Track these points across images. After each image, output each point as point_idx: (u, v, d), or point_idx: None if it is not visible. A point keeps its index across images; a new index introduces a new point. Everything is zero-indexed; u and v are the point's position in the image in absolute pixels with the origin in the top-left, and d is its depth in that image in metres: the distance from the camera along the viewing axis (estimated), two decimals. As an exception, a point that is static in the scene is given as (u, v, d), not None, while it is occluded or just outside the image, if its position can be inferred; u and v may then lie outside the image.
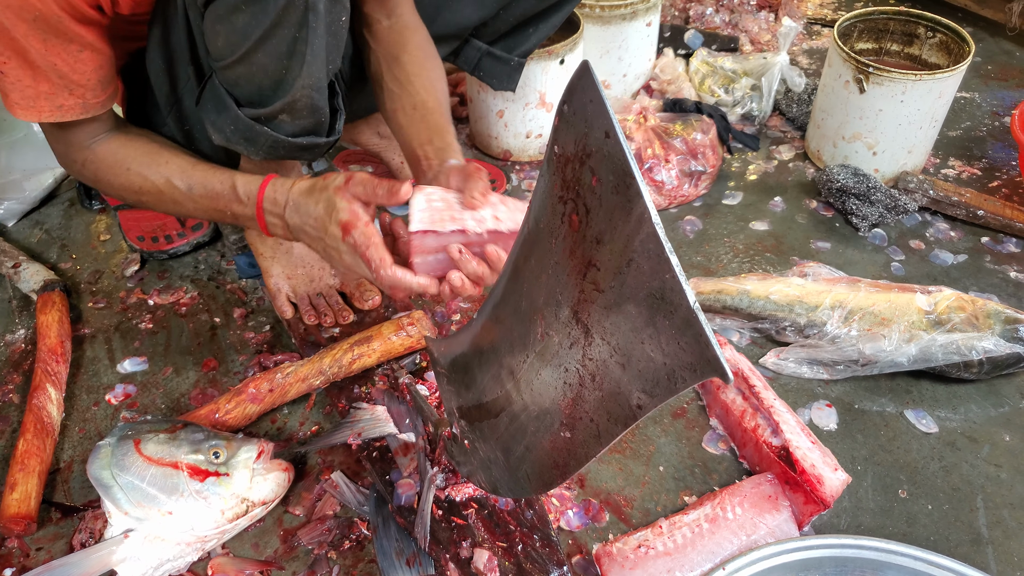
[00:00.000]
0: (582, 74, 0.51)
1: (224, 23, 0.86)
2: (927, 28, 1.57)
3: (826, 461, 0.99)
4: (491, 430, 0.81)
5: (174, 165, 0.98)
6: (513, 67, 1.40)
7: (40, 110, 0.89)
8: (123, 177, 0.98)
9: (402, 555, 0.94)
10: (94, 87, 0.91)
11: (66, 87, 0.88)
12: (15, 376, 1.23)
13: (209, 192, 0.96)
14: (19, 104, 0.88)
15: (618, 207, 0.51)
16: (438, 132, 1.01)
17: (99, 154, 0.99)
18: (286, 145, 0.99)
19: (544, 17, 1.35)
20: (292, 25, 0.84)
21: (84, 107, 0.92)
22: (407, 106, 1.05)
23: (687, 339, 0.49)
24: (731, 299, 1.25)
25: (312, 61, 0.89)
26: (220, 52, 0.89)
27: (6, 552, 0.99)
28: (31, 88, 0.87)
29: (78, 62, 0.87)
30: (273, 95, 0.92)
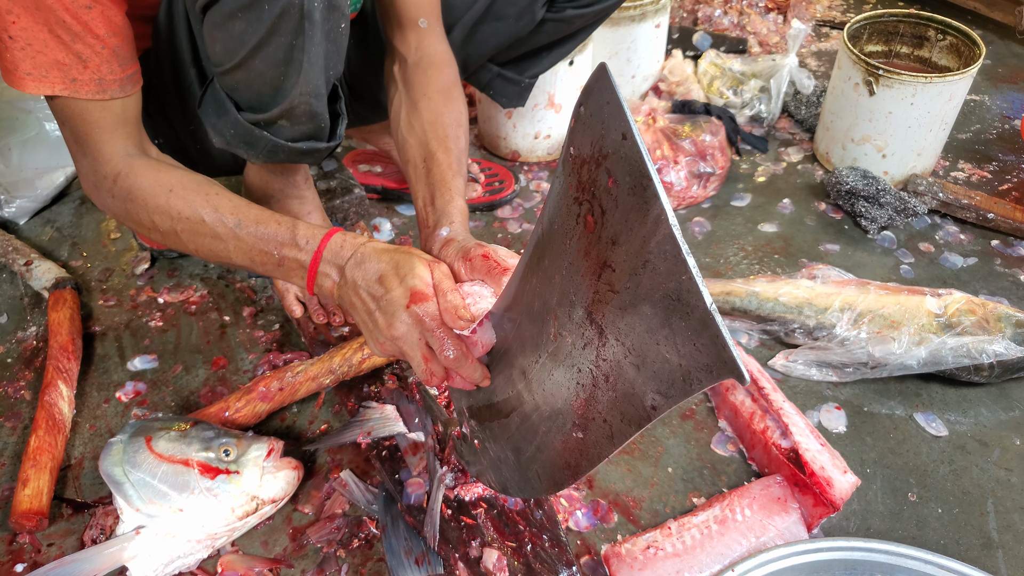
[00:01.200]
0: (599, 76, 0.51)
1: (221, 30, 0.85)
2: (937, 31, 1.56)
3: (835, 463, 0.99)
4: (502, 430, 0.82)
5: (225, 199, 0.89)
6: (523, 87, 1.40)
7: (52, 81, 0.83)
8: (162, 198, 0.88)
9: (411, 554, 0.94)
10: (108, 59, 0.84)
11: (79, 58, 0.82)
12: (27, 373, 1.24)
13: (261, 232, 0.86)
14: (30, 74, 0.82)
15: (635, 208, 0.51)
16: (441, 189, 0.95)
17: (137, 169, 0.90)
18: (286, 150, 0.99)
19: (558, 45, 1.35)
20: (288, 33, 0.84)
21: (100, 84, 0.85)
22: (417, 159, 1.00)
23: (704, 340, 0.49)
24: (740, 301, 1.25)
25: (309, 69, 0.88)
26: (218, 58, 0.89)
27: (18, 548, 1.00)
28: (42, 54, 0.81)
29: (89, 21, 0.81)
30: (272, 101, 0.92)
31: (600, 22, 1.33)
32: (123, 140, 0.91)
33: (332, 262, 0.84)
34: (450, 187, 0.94)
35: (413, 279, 0.77)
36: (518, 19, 1.22)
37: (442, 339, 0.76)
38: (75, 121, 0.88)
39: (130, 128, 0.92)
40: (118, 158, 0.90)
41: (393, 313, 0.77)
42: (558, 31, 1.28)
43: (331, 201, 1.43)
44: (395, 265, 0.79)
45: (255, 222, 0.87)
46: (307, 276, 0.86)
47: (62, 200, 1.60)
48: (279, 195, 1.22)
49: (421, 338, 0.78)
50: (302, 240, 0.85)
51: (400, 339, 0.78)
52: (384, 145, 1.51)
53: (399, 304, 0.77)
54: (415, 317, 0.77)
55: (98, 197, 0.93)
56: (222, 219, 0.87)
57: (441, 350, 0.76)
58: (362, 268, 0.81)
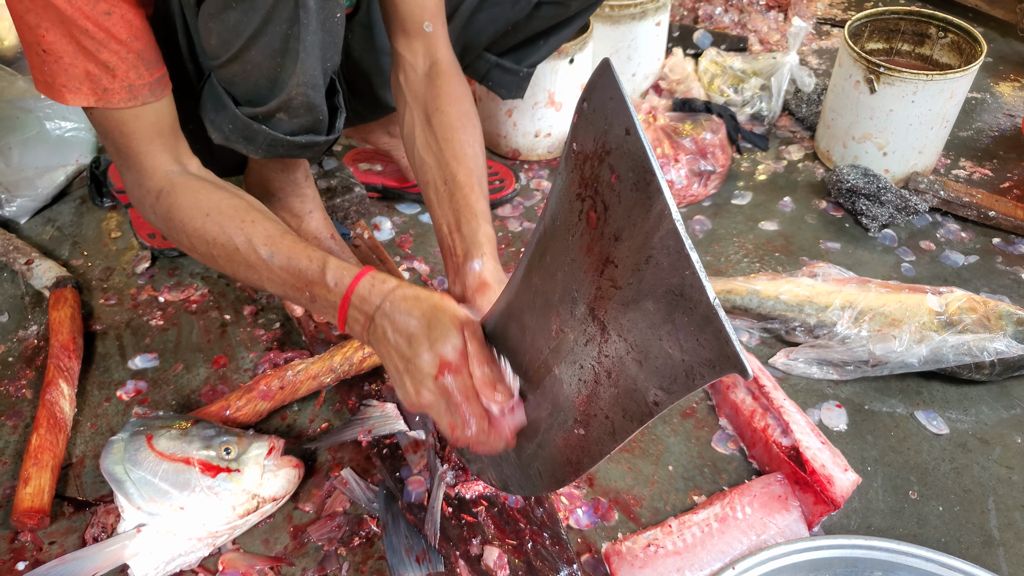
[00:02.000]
0: (602, 71, 0.51)
1: (216, 21, 0.85)
2: (938, 28, 1.56)
3: (836, 461, 0.99)
4: (503, 427, 0.81)
5: (260, 227, 0.86)
6: (522, 77, 1.39)
7: (85, 93, 0.83)
8: (199, 222, 0.87)
9: (411, 552, 0.94)
10: (135, 64, 0.84)
11: (106, 67, 0.82)
12: (28, 372, 1.24)
13: (292, 267, 0.84)
14: (66, 86, 0.82)
15: (637, 204, 0.51)
16: (466, 214, 0.92)
17: (178, 188, 0.89)
18: (285, 143, 0.98)
19: (555, 31, 1.34)
20: (283, 21, 0.84)
21: (131, 91, 0.84)
22: (438, 181, 0.97)
23: (706, 335, 0.49)
24: (741, 299, 1.25)
25: (306, 58, 0.88)
26: (214, 50, 0.89)
27: (20, 546, 1.00)
28: (73, 66, 0.81)
29: (111, 27, 0.80)
30: (269, 93, 0.92)
31: (596, 6, 1.32)
32: (163, 152, 0.90)
33: (360, 308, 0.81)
34: (475, 212, 0.92)
35: (443, 346, 0.73)
36: (514, 3, 1.21)
37: (465, 418, 0.74)
38: (114, 133, 0.88)
39: (167, 138, 0.91)
40: (160, 174, 0.90)
41: (421, 381, 0.75)
42: (554, 15, 1.27)
43: (332, 200, 1.43)
44: (426, 325, 0.75)
45: (287, 256, 0.84)
46: (338, 318, 0.83)
47: (63, 199, 1.60)
48: (280, 193, 1.22)
49: (447, 409, 0.75)
50: (331, 280, 0.82)
51: (427, 407, 0.76)
52: (384, 144, 1.51)
53: (427, 372, 0.74)
54: (442, 389, 0.74)
55: (143, 210, 0.93)
56: (256, 249, 0.85)
57: (463, 427, 0.74)
58: (391, 321, 0.78)
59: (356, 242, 1.41)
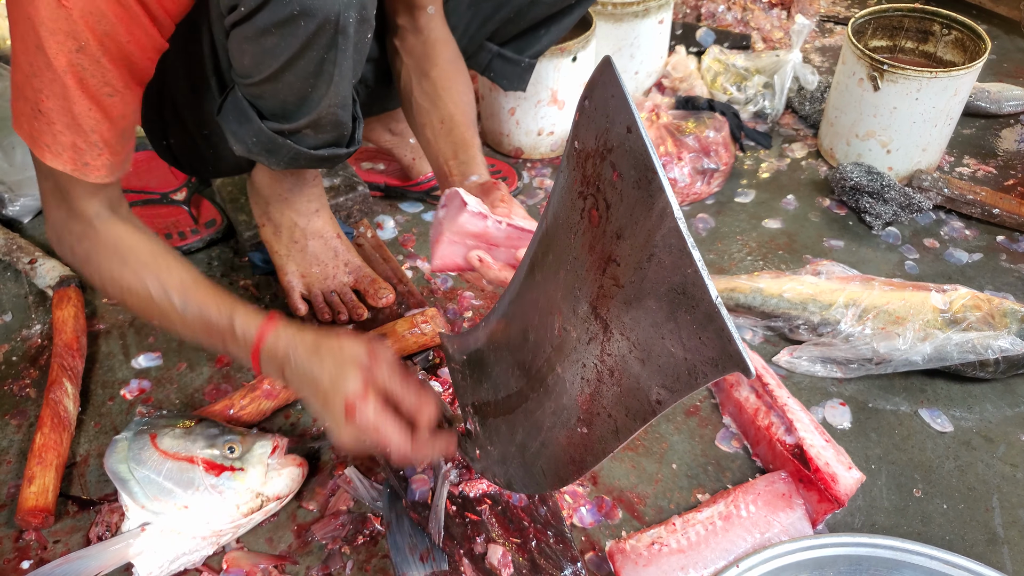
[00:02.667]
0: (604, 69, 0.51)
1: (252, 43, 0.84)
2: (942, 25, 1.56)
3: (840, 459, 0.99)
4: (506, 426, 0.81)
5: (175, 277, 0.88)
6: (524, 68, 1.40)
7: (64, 161, 0.82)
8: (116, 270, 0.89)
9: (415, 550, 0.94)
10: (118, 138, 0.85)
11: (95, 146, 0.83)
12: (32, 371, 1.24)
13: (204, 319, 0.87)
14: (49, 148, 0.81)
15: (639, 202, 0.51)
16: (463, 146, 1.00)
17: (100, 233, 0.89)
18: (307, 157, 0.99)
19: (556, 20, 1.34)
20: (321, 48, 0.83)
21: (110, 169, 0.85)
22: (435, 121, 1.04)
23: (709, 334, 0.49)
24: (744, 297, 1.25)
25: (340, 81, 0.88)
26: (246, 70, 0.89)
27: (24, 545, 1.00)
28: (62, 135, 0.81)
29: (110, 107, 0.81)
30: (297, 111, 0.92)
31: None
32: (100, 201, 0.90)
33: (271, 363, 0.86)
34: (471, 145, 0.99)
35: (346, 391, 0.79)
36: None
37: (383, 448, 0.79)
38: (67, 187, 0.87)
39: (110, 191, 0.91)
40: (88, 217, 0.89)
41: (338, 427, 0.80)
42: (556, 3, 1.28)
43: (335, 199, 1.43)
44: (330, 379, 0.80)
45: (199, 307, 0.87)
46: (254, 370, 0.88)
47: (66, 198, 1.60)
48: (287, 193, 1.22)
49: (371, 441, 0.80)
50: (240, 335, 0.86)
51: (355, 448, 0.82)
52: (386, 142, 1.51)
53: (339, 421, 0.80)
54: (355, 431, 0.79)
55: (59, 248, 0.93)
56: (169, 298, 0.87)
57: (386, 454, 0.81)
58: (299, 375, 0.83)
59: (360, 241, 1.41)
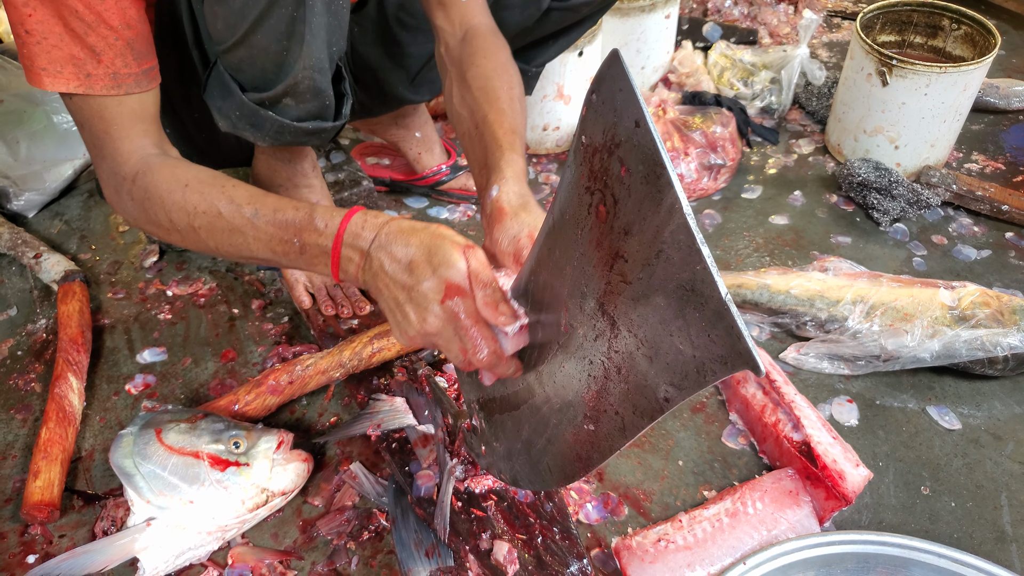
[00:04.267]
0: (612, 63, 0.51)
1: (222, 5, 0.84)
2: (952, 20, 1.55)
3: (847, 457, 0.98)
4: (512, 422, 0.81)
5: (242, 190, 0.85)
6: (531, 76, 1.39)
7: (67, 77, 0.81)
8: (178, 194, 0.84)
9: (421, 546, 0.94)
10: (122, 52, 0.82)
11: (92, 51, 0.80)
12: (37, 365, 1.24)
13: (279, 219, 0.81)
14: (45, 70, 0.80)
15: (648, 197, 0.50)
16: (492, 148, 0.91)
17: (154, 166, 0.87)
18: (292, 130, 0.98)
19: (564, 33, 1.34)
20: (288, 4, 0.83)
21: (115, 79, 0.83)
22: (470, 127, 0.97)
23: (718, 331, 0.49)
24: (751, 293, 1.24)
25: (312, 41, 0.88)
26: (220, 35, 0.89)
27: (30, 539, 1.00)
28: (57, 48, 0.79)
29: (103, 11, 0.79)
30: (275, 78, 0.92)
31: (606, 9, 1.32)
32: (140, 138, 0.88)
33: (354, 245, 0.77)
34: (501, 144, 0.89)
35: (447, 269, 0.70)
36: (524, 8, 1.21)
37: (476, 341, 0.72)
38: (92, 120, 0.86)
39: (148, 125, 0.89)
40: (136, 157, 0.87)
41: (426, 307, 0.72)
42: (564, 19, 1.27)
43: (339, 194, 1.43)
44: (427, 251, 0.72)
45: (273, 210, 0.82)
46: (331, 262, 0.80)
47: (71, 193, 1.60)
48: (287, 183, 1.22)
49: (456, 334, 0.73)
50: (320, 223, 0.79)
51: (433, 335, 0.74)
52: (391, 137, 1.51)
53: (432, 298, 0.71)
54: (449, 313, 0.71)
55: (118, 201, 0.90)
56: (239, 210, 0.83)
57: (475, 351, 0.72)
58: (388, 252, 0.75)
59: (364, 236, 1.41)
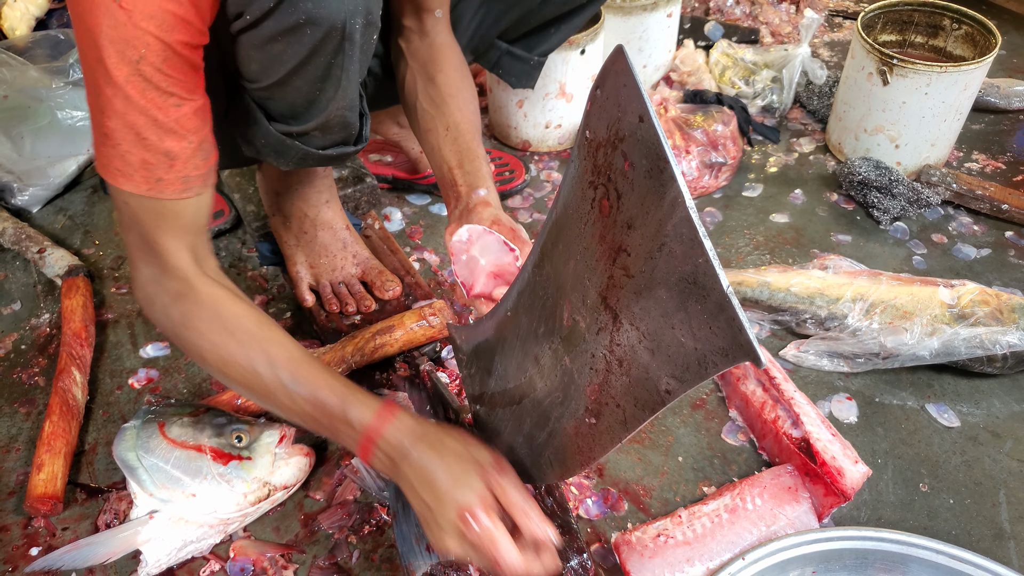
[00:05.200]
0: (616, 58, 0.51)
1: (259, 51, 0.83)
2: (952, 20, 1.55)
3: (846, 453, 0.99)
4: (513, 416, 0.82)
5: (283, 351, 0.83)
6: (533, 66, 1.39)
7: (137, 181, 0.78)
8: (219, 338, 0.83)
9: (422, 540, 0.94)
10: (195, 153, 0.80)
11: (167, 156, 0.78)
12: (40, 359, 1.24)
13: (315, 401, 0.82)
14: (120, 171, 0.77)
15: (651, 191, 0.51)
16: (468, 156, 0.96)
17: (200, 294, 0.84)
18: (316, 156, 0.99)
19: (567, 19, 1.34)
20: (328, 54, 0.83)
21: (185, 183, 0.80)
22: (440, 127, 1.00)
23: (720, 324, 0.49)
24: (751, 291, 1.25)
25: (347, 85, 0.89)
26: (254, 75, 0.88)
27: (33, 532, 1.01)
28: (131, 154, 0.76)
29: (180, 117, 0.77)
30: (305, 114, 0.92)
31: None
32: (191, 252, 0.85)
33: (387, 452, 0.81)
34: (477, 155, 0.97)
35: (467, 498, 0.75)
36: None
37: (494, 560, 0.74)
38: (148, 225, 0.82)
39: (197, 237, 0.86)
40: (183, 275, 0.84)
41: (445, 531, 0.76)
42: (567, 2, 1.28)
43: (343, 190, 1.43)
44: (452, 480, 0.76)
45: (309, 384, 0.82)
46: (361, 455, 0.83)
47: (75, 188, 1.61)
48: (296, 185, 1.22)
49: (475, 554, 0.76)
50: (355, 419, 0.81)
51: (452, 553, 0.77)
52: (393, 135, 1.51)
53: (449, 525, 0.75)
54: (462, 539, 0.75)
55: (151, 310, 0.87)
56: (277, 374, 0.82)
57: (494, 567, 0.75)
58: (418, 473, 0.79)
59: (367, 232, 1.41)
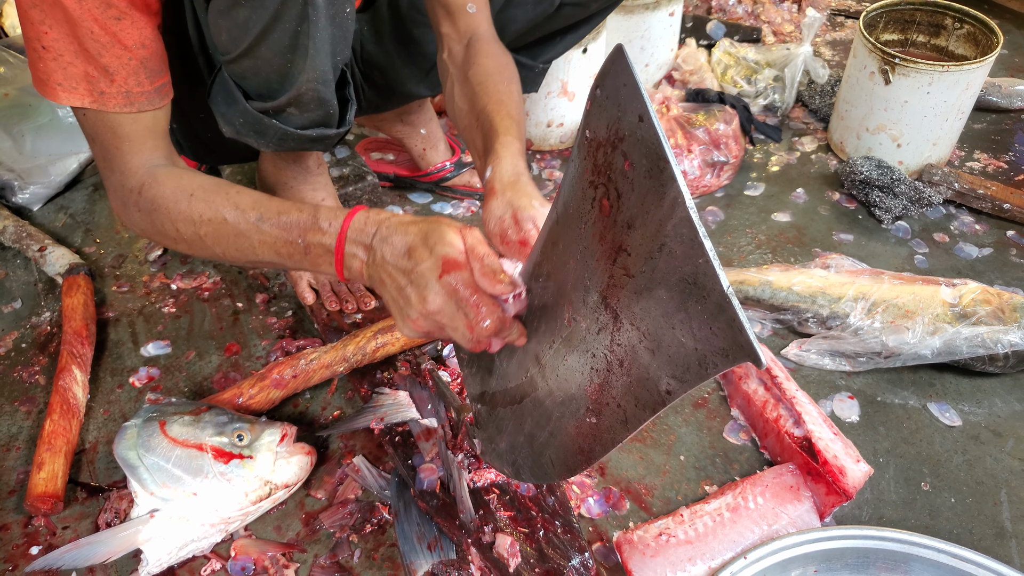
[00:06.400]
0: (616, 57, 0.51)
1: (225, 18, 0.85)
2: (954, 19, 1.55)
3: (848, 452, 0.99)
4: (515, 416, 0.82)
5: (246, 195, 0.87)
6: (537, 73, 1.40)
7: (81, 93, 0.82)
8: (184, 204, 0.87)
9: (423, 539, 0.95)
10: (136, 71, 0.83)
11: (106, 71, 0.81)
12: (41, 358, 1.24)
13: (282, 222, 0.84)
14: (61, 85, 0.81)
15: (651, 191, 0.51)
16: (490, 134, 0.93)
17: (159, 178, 0.89)
18: (295, 137, 0.99)
19: (572, 30, 1.34)
20: (292, 19, 0.84)
21: (128, 97, 0.84)
22: (471, 121, 0.98)
23: (720, 324, 0.49)
24: (753, 290, 1.25)
25: (316, 55, 0.88)
26: (225, 46, 0.89)
27: (33, 530, 1.01)
28: (72, 66, 0.80)
29: (118, 32, 0.80)
30: (279, 88, 0.92)
31: (615, 6, 1.32)
32: (151, 152, 0.89)
33: (357, 241, 0.79)
34: (497, 129, 0.91)
35: (443, 247, 0.72)
36: (537, 4, 1.22)
37: (479, 309, 0.72)
38: (104, 135, 0.87)
39: (158, 140, 0.90)
40: (143, 169, 0.89)
41: (425, 286, 0.73)
42: (574, 15, 1.28)
43: (344, 188, 1.43)
44: (423, 236, 0.74)
45: (277, 213, 0.84)
46: (335, 260, 0.82)
47: (75, 186, 1.61)
48: (292, 182, 1.22)
49: (459, 309, 0.73)
50: (324, 223, 0.81)
51: (436, 313, 0.74)
52: (396, 133, 1.51)
53: (431, 276, 0.72)
54: (448, 288, 0.72)
55: (126, 214, 0.92)
56: (244, 215, 0.85)
57: (479, 320, 0.72)
58: (389, 243, 0.77)
59: (367, 231, 1.41)
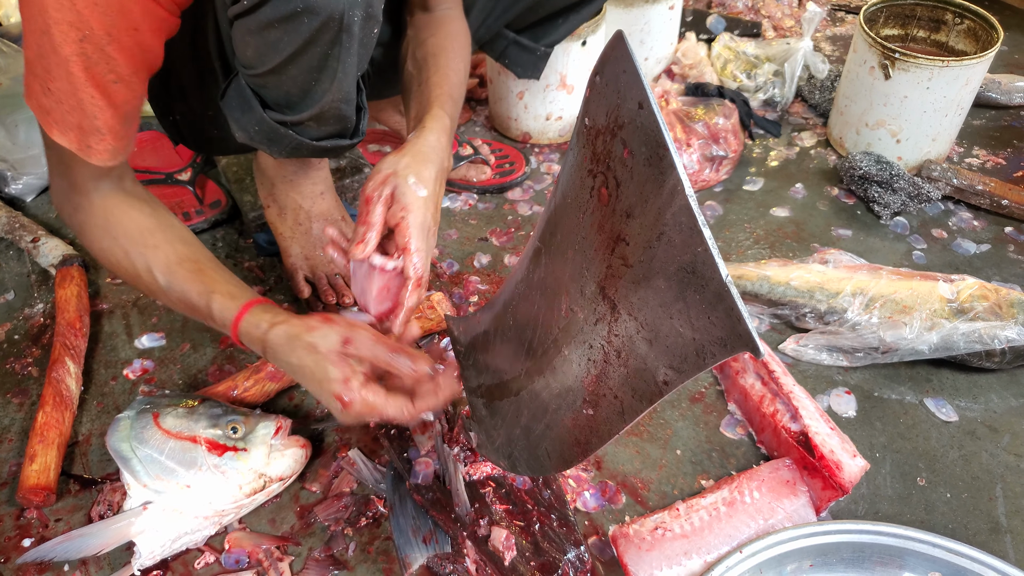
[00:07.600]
0: (616, 44, 0.51)
1: (255, 36, 0.83)
2: (955, 14, 1.54)
3: (845, 447, 0.98)
4: (511, 408, 0.81)
5: (160, 254, 0.91)
6: (539, 56, 1.39)
7: (70, 140, 0.83)
8: (106, 243, 0.92)
9: (418, 533, 0.94)
10: (122, 123, 0.84)
11: (98, 131, 0.83)
12: (34, 349, 1.24)
13: (185, 299, 0.91)
14: (58, 124, 0.82)
15: (650, 179, 0.50)
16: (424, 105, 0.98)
17: (94, 207, 0.92)
18: (309, 147, 0.99)
19: (575, 9, 1.34)
20: (325, 44, 0.83)
21: (112, 154, 0.85)
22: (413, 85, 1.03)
23: (718, 313, 0.49)
24: (751, 284, 1.24)
25: (343, 78, 0.88)
26: (249, 61, 0.88)
27: (25, 523, 1.00)
28: (69, 115, 0.81)
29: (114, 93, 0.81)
30: (301, 104, 0.92)
31: None
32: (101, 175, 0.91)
33: (251, 345, 0.89)
34: (430, 100, 0.96)
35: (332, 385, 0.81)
36: None
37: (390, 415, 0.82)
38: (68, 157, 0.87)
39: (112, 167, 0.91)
40: (86, 190, 0.91)
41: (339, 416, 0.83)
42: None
43: (341, 180, 1.43)
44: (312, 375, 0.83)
45: (181, 287, 0.91)
46: None
47: (71, 178, 1.60)
48: (291, 176, 1.21)
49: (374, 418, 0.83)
50: (219, 319, 0.90)
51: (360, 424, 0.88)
52: (395, 124, 1.51)
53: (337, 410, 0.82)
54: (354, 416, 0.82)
55: (61, 214, 0.95)
56: (155, 277, 0.91)
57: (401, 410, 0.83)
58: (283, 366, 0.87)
59: (364, 224, 1.40)
